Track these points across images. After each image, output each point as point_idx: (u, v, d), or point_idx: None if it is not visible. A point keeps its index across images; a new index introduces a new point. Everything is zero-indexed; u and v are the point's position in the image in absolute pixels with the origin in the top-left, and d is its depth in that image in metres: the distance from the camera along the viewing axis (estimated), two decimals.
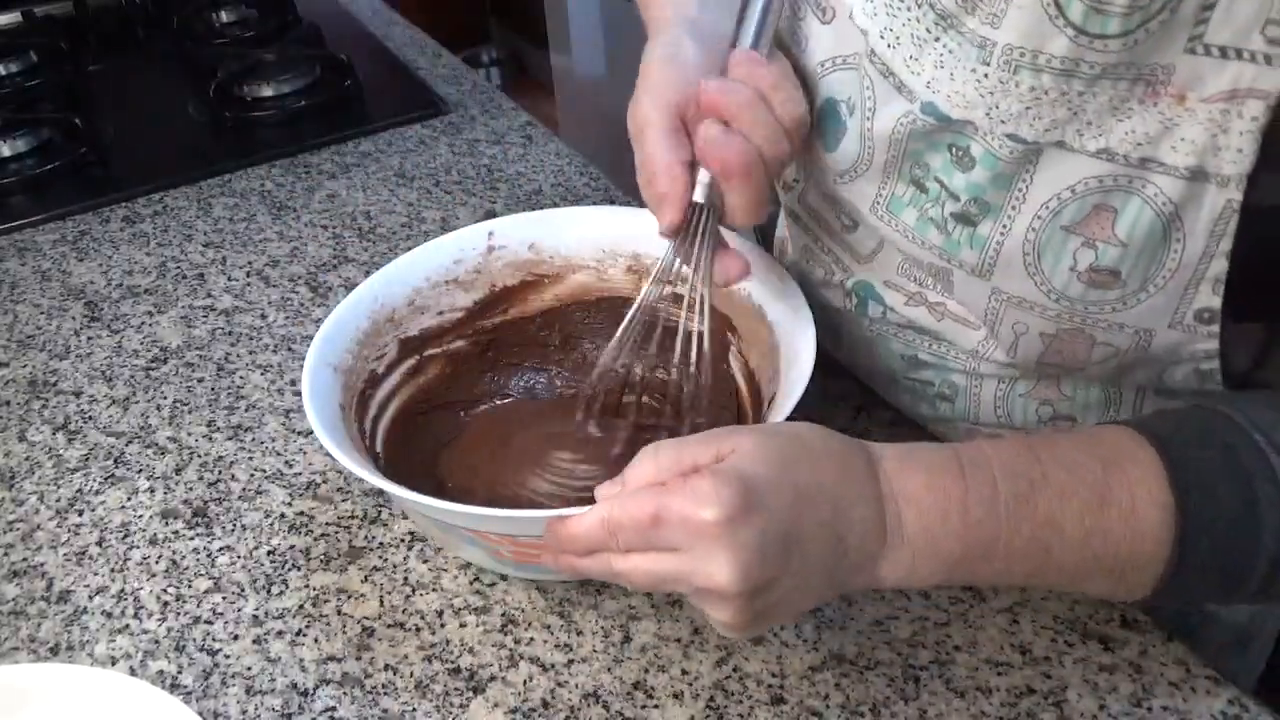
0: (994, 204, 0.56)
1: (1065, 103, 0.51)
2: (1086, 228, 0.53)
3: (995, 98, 0.52)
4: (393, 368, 0.72)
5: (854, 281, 0.70)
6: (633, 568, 0.48)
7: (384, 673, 0.60)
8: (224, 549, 0.69)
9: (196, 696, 0.60)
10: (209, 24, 1.36)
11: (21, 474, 0.76)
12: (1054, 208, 0.54)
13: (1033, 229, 0.55)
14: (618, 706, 0.58)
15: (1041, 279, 0.56)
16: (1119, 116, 0.51)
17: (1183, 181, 0.50)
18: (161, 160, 1.11)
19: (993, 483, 0.49)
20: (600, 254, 0.76)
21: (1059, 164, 0.53)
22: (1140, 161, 0.51)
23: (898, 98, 0.56)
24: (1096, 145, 0.52)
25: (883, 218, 0.62)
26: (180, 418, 0.79)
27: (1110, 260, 0.53)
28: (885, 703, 0.57)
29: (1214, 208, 0.50)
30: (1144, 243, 0.52)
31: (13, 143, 1.11)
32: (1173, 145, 0.50)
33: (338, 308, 0.69)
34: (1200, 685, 0.57)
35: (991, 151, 0.54)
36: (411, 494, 0.56)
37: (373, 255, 0.95)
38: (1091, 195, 0.53)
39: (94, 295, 0.93)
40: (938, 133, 0.56)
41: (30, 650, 0.63)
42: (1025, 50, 0.51)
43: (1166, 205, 0.51)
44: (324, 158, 1.10)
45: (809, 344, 0.63)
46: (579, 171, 1.04)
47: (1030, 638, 0.60)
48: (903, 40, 0.55)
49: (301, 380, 0.64)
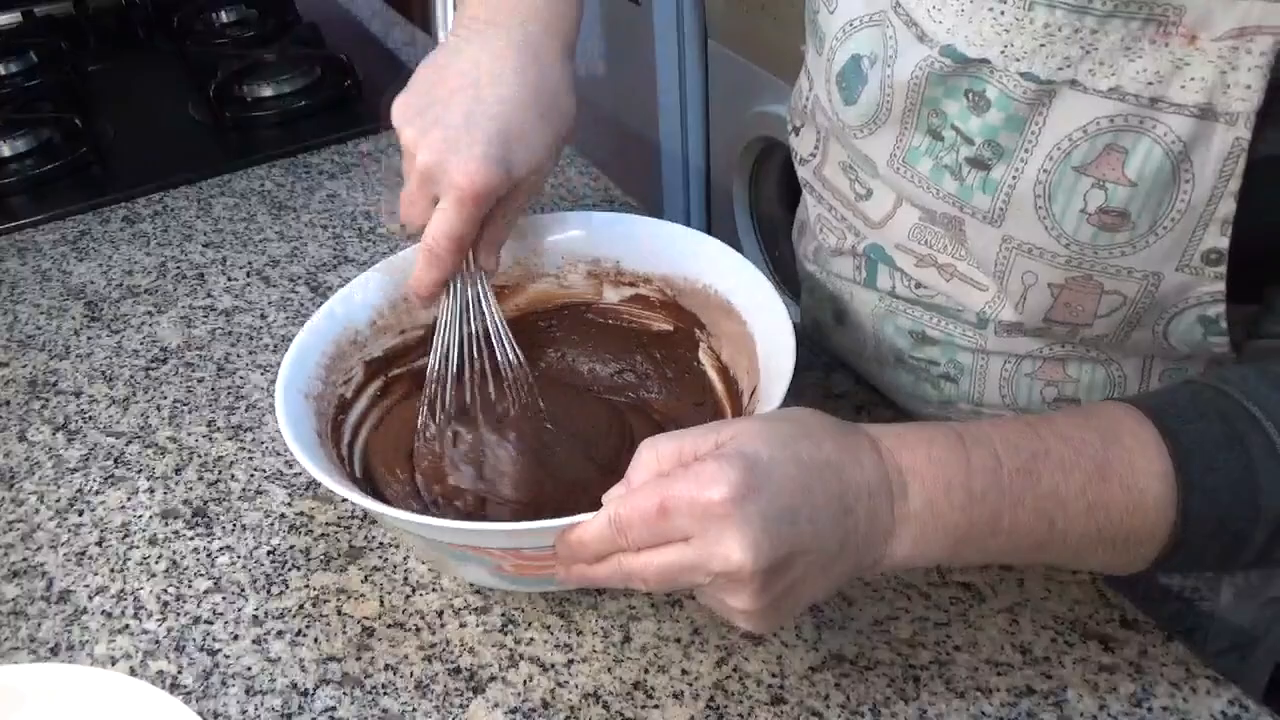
0: (1007, 147, 0.57)
1: (1078, 40, 0.52)
2: (1097, 168, 0.54)
3: (1010, 35, 0.54)
4: (360, 391, 0.70)
5: (866, 245, 0.71)
6: (645, 564, 0.48)
7: (384, 673, 0.60)
8: (224, 549, 0.69)
9: (196, 696, 0.60)
10: (209, 24, 1.36)
11: (21, 474, 0.76)
12: (1065, 149, 0.55)
13: (1045, 170, 0.56)
14: (618, 706, 0.58)
15: (1052, 223, 0.57)
16: (1130, 56, 0.52)
17: (1192, 120, 0.51)
18: (161, 160, 1.11)
19: (994, 456, 0.49)
20: (560, 261, 0.75)
21: (1071, 104, 0.54)
22: (1151, 101, 0.52)
23: (918, 45, 0.58)
24: (1108, 84, 0.53)
25: (899, 169, 0.63)
26: (180, 418, 0.79)
27: (1120, 201, 0.54)
28: (885, 703, 0.57)
29: (1222, 147, 0.51)
30: (1153, 182, 0.53)
31: (13, 143, 1.11)
32: (1182, 84, 0.51)
33: (300, 333, 0.67)
34: (1200, 685, 0.57)
35: (1006, 93, 0.56)
36: (424, 518, 0.55)
37: (373, 255, 0.95)
38: (1103, 135, 0.54)
39: (94, 295, 0.93)
40: (954, 77, 0.57)
41: (30, 650, 0.63)
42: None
43: (1176, 144, 0.52)
44: (324, 158, 1.10)
45: (786, 331, 0.62)
46: (579, 171, 1.04)
47: (1030, 638, 0.60)
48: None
49: (276, 411, 0.62)
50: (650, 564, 0.48)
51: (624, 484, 0.49)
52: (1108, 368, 0.65)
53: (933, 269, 0.66)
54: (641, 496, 0.47)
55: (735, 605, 0.47)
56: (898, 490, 0.49)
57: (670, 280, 0.73)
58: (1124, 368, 0.65)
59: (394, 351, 0.73)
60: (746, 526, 0.45)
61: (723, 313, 0.70)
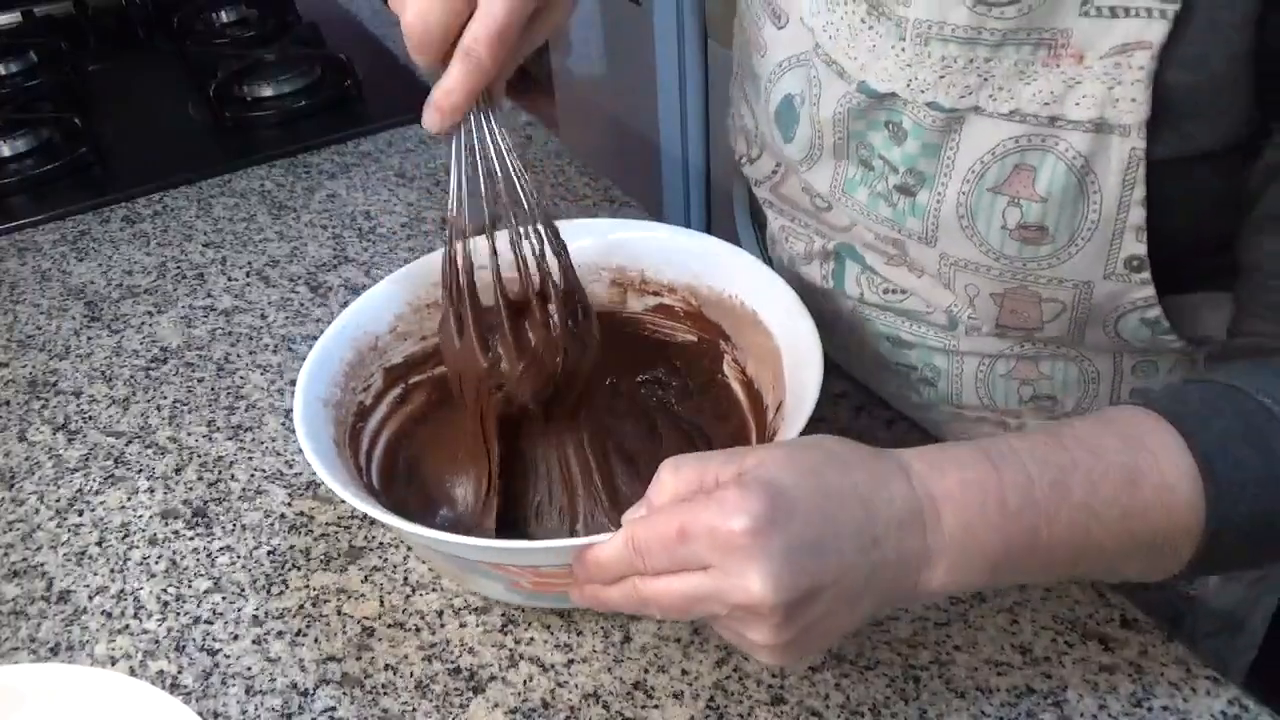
0: (928, 173, 0.60)
1: (974, 69, 0.56)
2: (1010, 187, 0.58)
3: (913, 69, 0.58)
4: (380, 398, 0.70)
5: (835, 244, 0.72)
6: (663, 589, 0.46)
7: (384, 673, 0.60)
8: (224, 549, 0.69)
9: (196, 696, 0.60)
10: (209, 24, 1.36)
11: (21, 474, 0.76)
12: (979, 170, 0.58)
13: (963, 192, 0.59)
14: (618, 706, 0.58)
15: (979, 240, 0.60)
16: (1025, 80, 0.55)
17: (1090, 135, 0.55)
18: (161, 160, 1.11)
19: (1025, 471, 0.48)
20: (581, 268, 0.74)
21: (978, 129, 0.58)
22: (1050, 120, 0.55)
23: (839, 82, 0.62)
24: (1009, 107, 0.56)
25: (840, 199, 0.66)
26: (180, 418, 0.79)
27: (1035, 216, 0.57)
28: (885, 703, 0.57)
29: (1121, 157, 0.54)
30: (1063, 196, 0.56)
31: (13, 143, 1.11)
32: (1076, 102, 0.54)
33: (321, 339, 0.67)
34: (1200, 685, 0.57)
35: (918, 122, 0.60)
36: (440, 534, 0.54)
37: (373, 255, 0.95)
38: (1010, 156, 0.57)
39: (94, 295, 0.93)
40: (873, 110, 0.62)
41: (30, 650, 0.63)
42: (932, 23, 0.57)
43: (1077, 159, 0.55)
44: (324, 158, 1.10)
45: (814, 345, 0.62)
46: (579, 171, 1.04)
47: (1030, 638, 0.60)
48: (841, 31, 0.61)
49: (294, 418, 0.61)
50: (668, 589, 0.46)
51: (644, 504, 0.49)
52: (1080, 364, 0.66)
53: (903, 267, 0.67)
54: (661, 520, 0.46)
55: (755, 639, 0.46)
56: (930, 519, 0.47)
57: (695, 290, 0.72)
58: (1095, 363, 0.66)
59: (414, 358, 0.72)
60: (767, 560, 0.44)
61: (750, 325, 0.69)
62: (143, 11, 1.40)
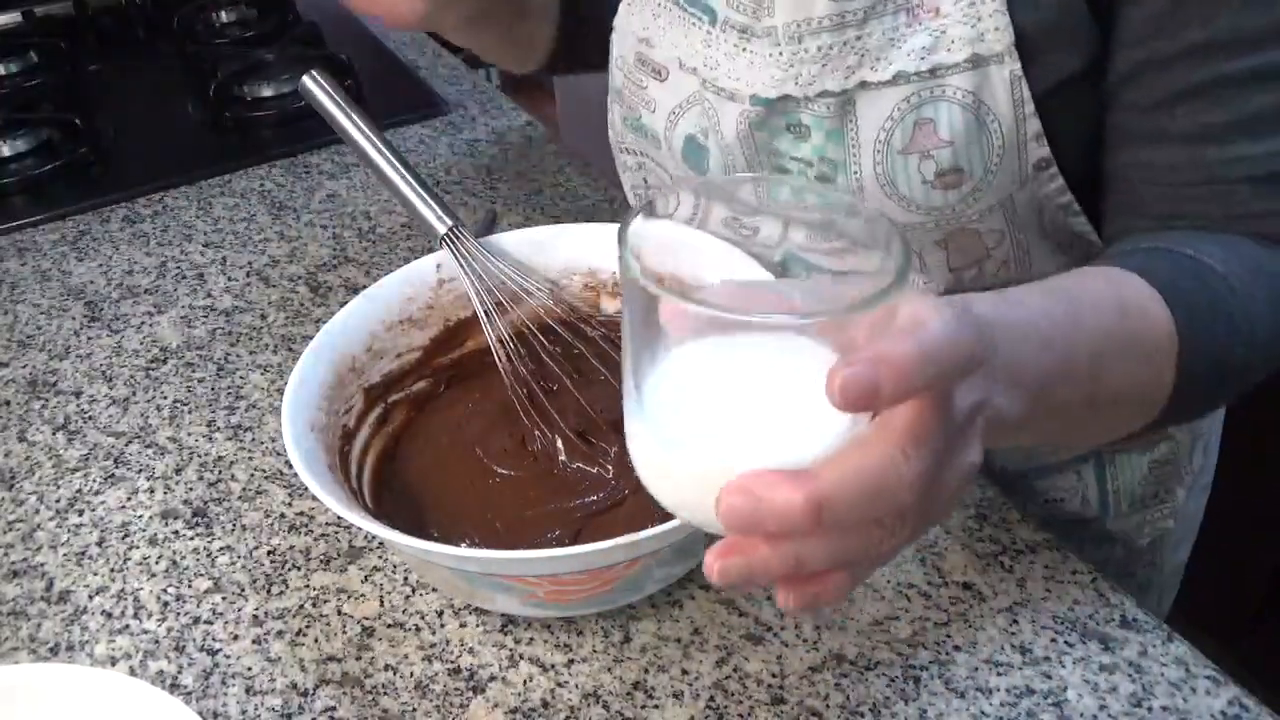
0: (838, 159, 0.65)
1: (850, 50, 0.61)
2: (917, 144, 0.62)
3: (796, 68, 0.63)
4: (362, 420, 0.69)
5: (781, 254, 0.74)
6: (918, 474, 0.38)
7: (384, 673, 0.60)
8: (224, 549, 0.69)
9: (196, 696, 0.60)
10: (209, 24, 1.36)
11: (21, 474, 0.76)
12: (884, 139, 0.62)
13: (877, 164, 0.63)
14: (618, 706, 0.58)
15: (906, 201, 0.64)
16: (897, 44, 0.60)
17: (970, 72, 0.60)
18: (161, 160, 1.11)
19: (1040, 307, 0.49)
20: (553, 274, 0.74)
21: (871, 102, 0.62)
22: (930, 72, 0.60)
23: (731, 104, 0.67)
24: (891, 73, 0.61)
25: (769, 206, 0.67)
26: (180, 418, 0.79)
27: (948, 161, 0.62)
28: (885, 703, 0.57)
29: (1004, 81, 0.60)
30: (966, 135, 0.61)
31: (13, 143, 1.11)
32: (947, 49, 0.60)
33: (299, 363, 0.65)
34: (1200, 685, 0.57)
35: (816, 114, 0.64)
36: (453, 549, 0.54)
37: (373, 255, 0.95)
38: (908, 116, 0.61)
39: (94, 295, 0.93)
40: (771, 117, 0.66)
41: (30, 650, 0.63)
42: (799, 21, 0.62)
43: (967, 97, 0.60)
44: (324, 158, 1.10)
45: None
46: (579, 171, 1.04)
47: (1030, 638, 0.60)
48: (720, 62, 0.66)
49: (287, 448, 0.60)
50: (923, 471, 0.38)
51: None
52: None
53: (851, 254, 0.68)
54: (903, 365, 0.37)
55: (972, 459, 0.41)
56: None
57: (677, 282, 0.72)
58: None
59: (391, 377, 0.71)
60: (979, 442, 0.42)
61: None
62: (142, 11, 1.40)
